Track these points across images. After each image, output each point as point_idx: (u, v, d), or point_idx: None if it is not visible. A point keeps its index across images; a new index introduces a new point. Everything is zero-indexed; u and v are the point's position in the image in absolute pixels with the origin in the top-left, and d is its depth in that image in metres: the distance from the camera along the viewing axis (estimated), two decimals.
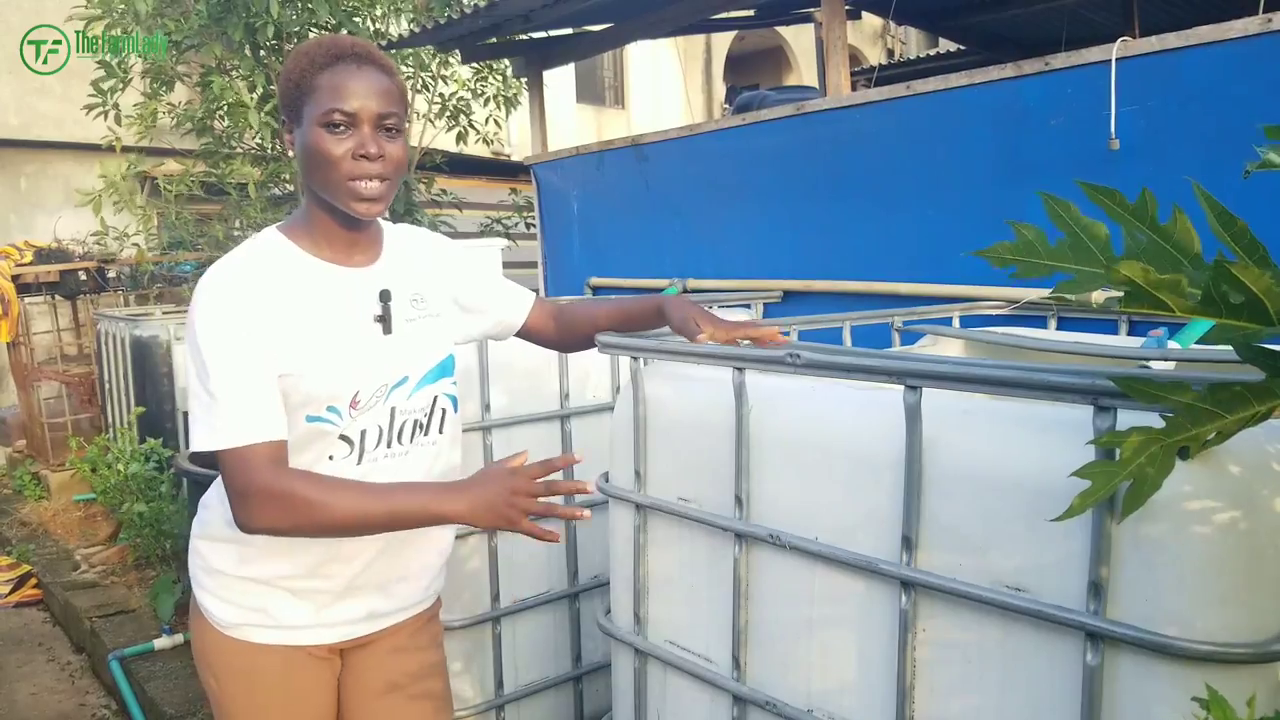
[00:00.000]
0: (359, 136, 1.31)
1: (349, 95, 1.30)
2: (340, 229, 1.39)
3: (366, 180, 1.32)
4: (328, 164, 1.30)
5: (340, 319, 1.37)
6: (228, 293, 1.30)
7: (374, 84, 1.32)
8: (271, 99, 5.49)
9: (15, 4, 7.73)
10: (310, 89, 1.31)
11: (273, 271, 1.34)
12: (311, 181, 1.35)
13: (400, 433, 1.42)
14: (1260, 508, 0.99)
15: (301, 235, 1.39)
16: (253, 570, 1.39)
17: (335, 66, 1.31)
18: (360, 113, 1.30)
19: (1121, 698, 1.03)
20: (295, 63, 1.34)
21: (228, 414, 1.26)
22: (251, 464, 1.25)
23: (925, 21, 6.53)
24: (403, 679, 1.53)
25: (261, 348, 1.28)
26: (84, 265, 6.77)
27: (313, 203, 1.39)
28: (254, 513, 1.26)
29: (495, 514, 1.28)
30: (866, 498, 1.26)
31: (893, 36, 13.52)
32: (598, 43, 5.25)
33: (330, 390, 1.34)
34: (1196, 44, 2.41)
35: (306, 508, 1.24)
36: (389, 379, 1.39)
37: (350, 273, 1.40)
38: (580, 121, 11.71)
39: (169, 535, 3.95)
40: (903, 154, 3.13)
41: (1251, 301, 0.70)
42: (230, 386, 1.26)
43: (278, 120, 5.39)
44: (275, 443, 1.28)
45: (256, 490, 1.25)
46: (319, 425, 1.34)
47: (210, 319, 1.28)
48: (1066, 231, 0.82)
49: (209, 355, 1.26)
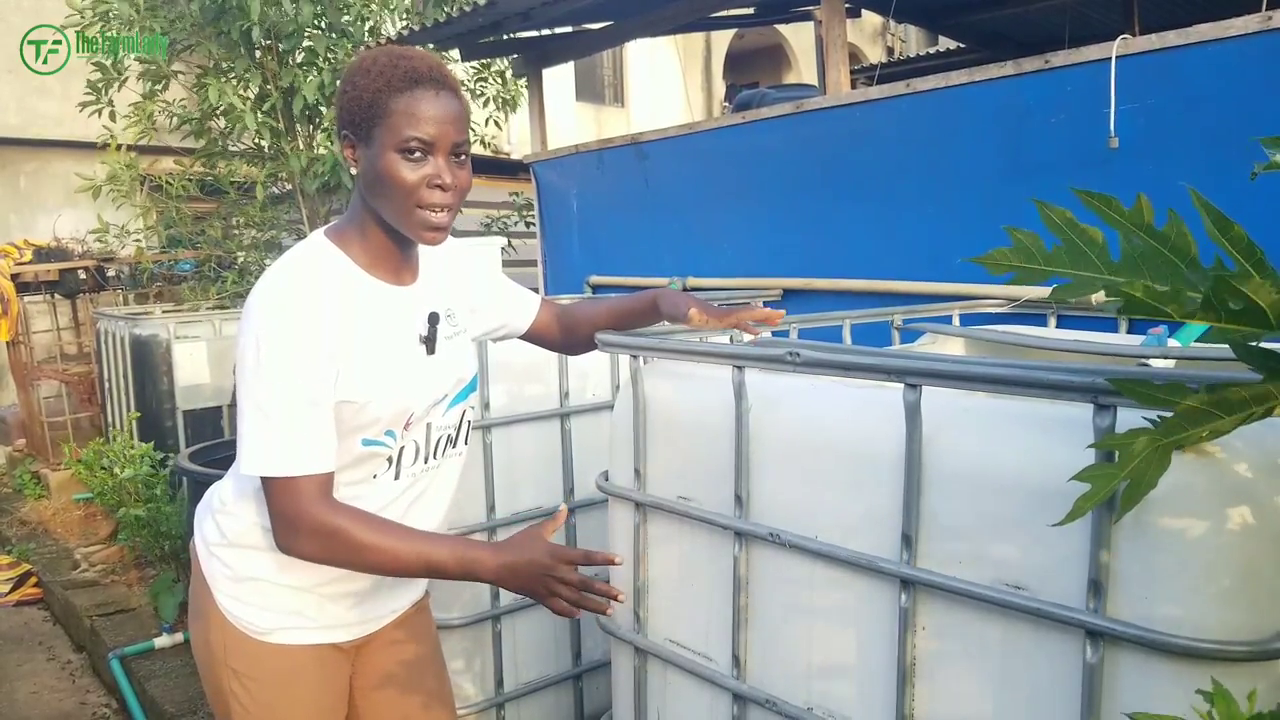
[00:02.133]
0: (434, 165, 1.29)
1: (427, 123, 1.27)
2: (396, 249, 1.38)
3: (436, 211, 1.30)
4: (401, 192, 1.28)
5: (395, 342, 1.37)
6: (291, 308, 1.27)
7: (451, 111, 1.30)
8: (268, 99, 5.49)
9: (15, 4, 7.72)
10: (384, 112, 1.27)
11: (333, 290, 1.31)
12: (377, 203, 1.32)
13: (435, 449, 1.44)
14: (1260, 505, 0.99)
15: (355, 249, 1.37)
16: (292, 578, 1.39)
17: (414, 91, 1.27)
18: (438, 141, 1.28)
19: (1121, 695, 1.03)
20: (366, 80, 1.29)
21: (283, 441, 1.25)
22: (302, 495, 1.26)
23: (925, 19, 6.52)
24: (403, 669, 1.55)
25: (324, 373, 1.27)
26: (83, 264, 6.77)
27: (371, 220, 1.36)
28: (299, 542, 1.28)
29: (529, 589, 1.31)
30: (866, 496, 1.26)
31: (892, 35, 13.52)
32: (597, 41, 5.25)
33: (390, 414, 1.34)
34: (1196, 42, 2.41)
35: (350, 548, 1.27)
36: (434, 398, 1.40)
37: (400, 292, 1.40)
38: (580, 120, 11.70)
39: (167, 536, 3.95)
40: (902, 152, 3.13)
41: (1251, 308, 0.71)
42: (288, 412, 1.25)
43: (276, 118, 5.47)
44: (325, 475, 1.28)
45: (306, 523, 1.26)
46: (374, 448, 1.35)
47: (272, 333, 1.25)
48: (1062, 238, 0.82)
49: (269, 375, 1.24)
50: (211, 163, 5.98)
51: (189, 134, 5.91)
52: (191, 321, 5.16)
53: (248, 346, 1.26)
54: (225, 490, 1.46)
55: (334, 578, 1.40)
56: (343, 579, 1.41)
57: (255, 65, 5.48)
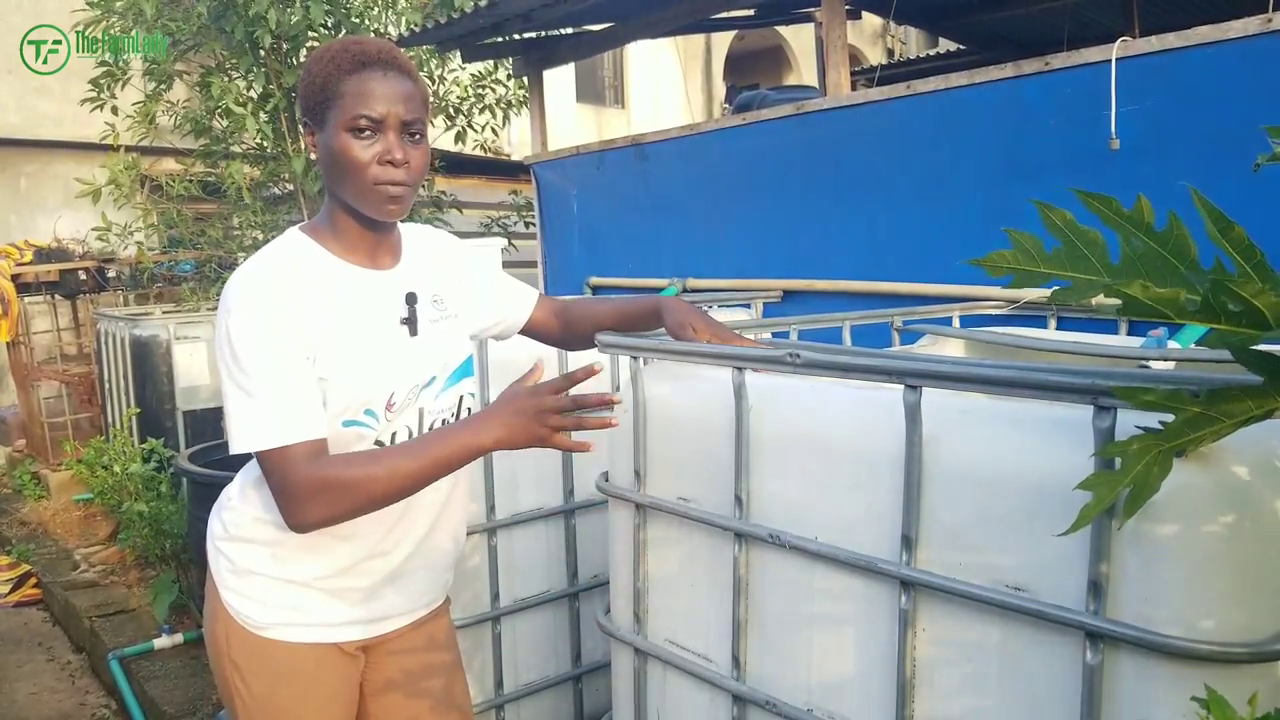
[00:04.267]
0: (385, 142, 1.31)
1: (375, 101, 1.30)
2: (365, 231, 1.40)
3: (392, 185, 1.32)
4: (354, 169, 1.31)
5: (371, 322, 1.38)
6: (263, 291, 1.29)
7: (400, 90, 1.32)
8: (271, 99, 5.49)
9: (15, 4, 7.73)
10: (336, 94, 1.30)
11: (304, 273, 1.34)
12: (336, 186, 1.36)
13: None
14: (1260, 507, 0.99)
15: (327, 238, 1.40)
16: (288, 571, 1.39)
17: (361, 73, 1.31)
18: (387, 119, 1.31)
19: (1121, 697, 1.03)
20: (319, 66, 1.33)
21: (267, 413, 1.26)
22: (293, 462, 1.26)
23: (925, 21, 6.53)
24: (417, 676, 1.54)
25: (299, 347, 1.29)
26: (84, 265, 6.77)
27: (337, 206, 1.39)
28: (303, 508, 1.26)
29: (529, 433, 1.30)
30: (866, 497, 1.26)
31: (893, 36, 13.52)
32: (598, 42, 5.25)
33: (366, 394, 1.35)
34: (1196, 44, 2.42)
35: (352, 488, 1.25)
36: (418, 380, 1.41)
37: (376, 275, 1.41)
38: (580, 121, 11.71)
39: (169, 535, 3.95)
40: (903, 154, 3.13)
41: (1249, 310, 0.71)
42: (269, 384, 1.26)
43: (279, 119, 5.47)
44: (315, 441, 1.28)
45: (299, 487, 1.25)
46: (357, 429, 1.35)
47: (246, 316, 1.27)
48: (1062, 239, 0.82)
49: (245, 353, 1.26)
50: (212, 163, 5.98)
51: (189, 132, 5.91)
52: (192, 322, 5.17)
53: (223, 334, 1.29)
54: (232, 487, 1.48)
55: (332, 572, 1.40)
56: (342, 574, 1.40)
57: (259, 65, 5.48)
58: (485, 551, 2.14)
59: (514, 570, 2.20)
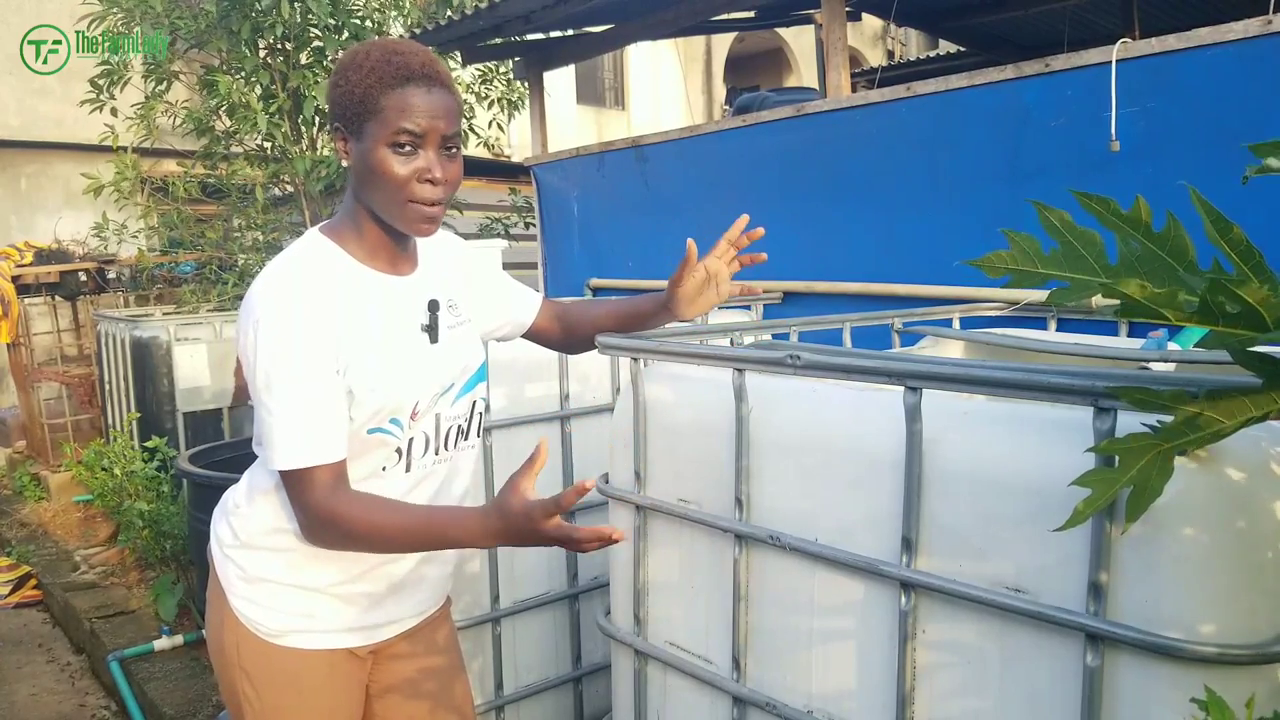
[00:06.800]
0: (425, 159, 1.30)
1: (418, 117, 1.28)
2: (391, 241, 1.39)
3: (427, 204, 1.31)
4: (392, 185, 1.29)
5: (396, 331, 1.38)
6: (293, 303, 1.28)
7: (442, 105, 1.31)
8: (274, 98, 5.49)
9: (15, 4, 7.74)
10: (377, 107, 1.28)
11: (331, 282, 1.33)
12: (368, 196, 1.34)
13: (445, 439, 1.44)
14: (1259, 509, 0.99)
15: (351, 242, 1.38)
16: (301, 577, 1.39)
17: (405, 88, 1.28)
18: (428, 134, 1.29)
19: (1121, 699, 1.03)
20: (358, 75, 1.30)
21: (290, 434, 1.27)
22: (315, 486, 1.27)
23: (925, 23, 6.53)
24: (419, 679, 1.54)
25: (328, 364, 1.28)
26: (84, 266, 6.77)
27: (365, 214, 1.37)
28: (313, 533, 1.32)
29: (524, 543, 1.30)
30: (866, 499, 1.26)
31: (893, 38, 13.52)
32: (598, 44, 5.25)
33: (394, 403, 1.35)
34: (1197, 46, 2.41)
35: (361, 534, 1.29)
36: (439, 388, 1.41)
37: (399, 282, 1.41)
38: (580, 122, 11.72)
39: (169, 536, 3.95)
40: (903, 155, 3.13)
41: (1248, 311, 0.71)
42: (294, 406, 1.26)
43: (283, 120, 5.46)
44: (335, 464, 1.29)
45: (314, 511, 1.29)
46: (380, 436, 1.35)
47: (275, 330, 1.26)
48: (1060, 240, 0.82)
49: (274, 368, 1.26)
50: (213, 164, 5.97)
51: (190, 132, 5.90)
52: (192, 323, 5.16)
53: (250, 344, 1.27)
54: (239, 492, 1.47)
55: (346, 579, 1.40)
56: (355, 580, 1.41)
57: (263, 65, 5.48)
58: (486, 553, 2.14)
59: (514, 572, 2.20)
